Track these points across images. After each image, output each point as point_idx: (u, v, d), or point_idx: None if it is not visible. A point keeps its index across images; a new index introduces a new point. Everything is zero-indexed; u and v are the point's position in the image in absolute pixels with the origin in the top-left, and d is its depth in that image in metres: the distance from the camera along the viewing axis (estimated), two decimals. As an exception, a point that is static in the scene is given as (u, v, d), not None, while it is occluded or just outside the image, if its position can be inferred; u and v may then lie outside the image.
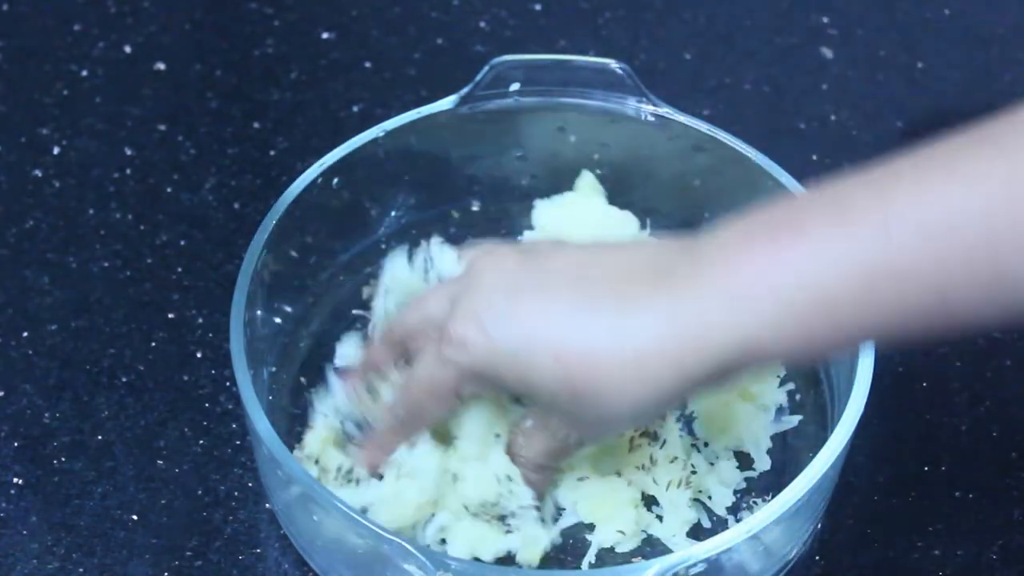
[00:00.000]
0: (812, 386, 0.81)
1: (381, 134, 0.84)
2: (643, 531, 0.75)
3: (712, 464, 0.78)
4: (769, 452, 0.79)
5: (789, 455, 0.79)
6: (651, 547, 0.75)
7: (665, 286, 0.62)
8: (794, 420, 0.80)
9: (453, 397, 0.70)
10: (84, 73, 1.00)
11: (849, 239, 0.59)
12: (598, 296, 0.64)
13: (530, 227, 0.86)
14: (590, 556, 0.74)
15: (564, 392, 0.64)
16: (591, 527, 0.75)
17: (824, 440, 0.71)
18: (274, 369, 0.82)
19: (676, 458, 0.76)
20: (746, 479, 0.78)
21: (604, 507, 0.75)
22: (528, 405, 0.72)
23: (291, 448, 0.72)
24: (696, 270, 0.62)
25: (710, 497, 0.77)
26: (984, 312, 0.60)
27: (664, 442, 0.76)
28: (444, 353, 0.68)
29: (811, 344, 0.62)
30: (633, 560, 0.74)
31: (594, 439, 0.72)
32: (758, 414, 0.79)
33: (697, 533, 0.76)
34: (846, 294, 0.59)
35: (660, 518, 0.76)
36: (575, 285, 0.65)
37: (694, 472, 0.76)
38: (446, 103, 0.84)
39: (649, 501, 0.76)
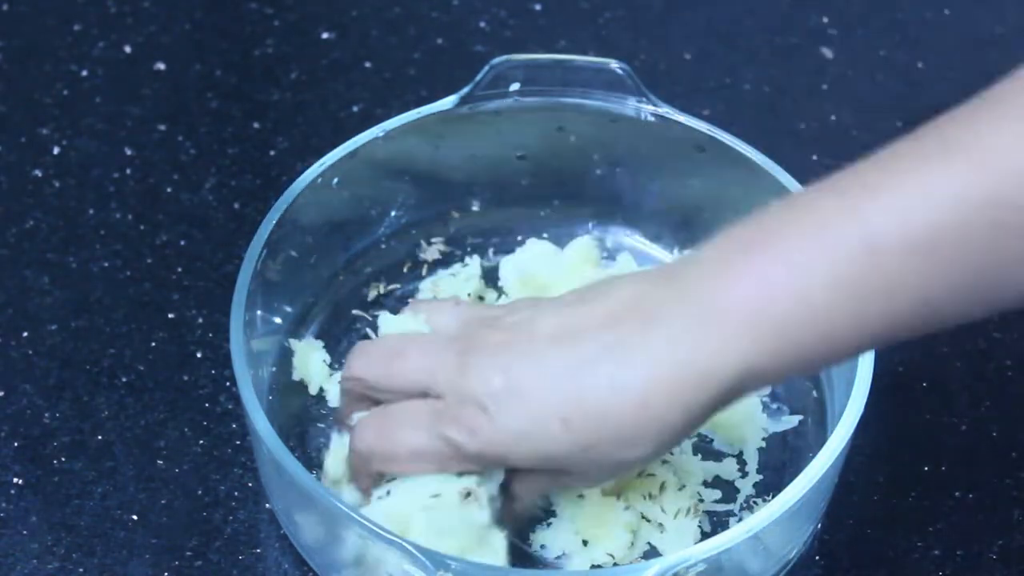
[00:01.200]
0: (812, 386, 0.81)
1: (381, 134, 0.83)
2: (646, 543, 0.75)
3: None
4: (769, 452, 0.79)
5: (789, 455, 0.79)
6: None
7: (654, 325, 0.62)
8: (794, 420, 0.80)
9: (436, 468, 0.68)
10: (84, 73, 1.00)
11: (832, 256, 0.59)
12: (591, 350, 0.63)
13: (531, 229, 0.87)
14: (578, 565, 0.74)
15: (576, 454, 0.64)
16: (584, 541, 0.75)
17: (824, 440, 0.71)
18: (274, 369, 0.82)
19: (684, 486, 0.76)
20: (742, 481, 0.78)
21: (599, 527, 0.74)
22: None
23: (294, 452, 0.72)
24: (683, 305, 0.62)
25: (702, 500, 0.77)
26: (972, 311, 0.62)
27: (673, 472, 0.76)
28: (447, 434, 0.66)
29: (806, 361, 0.62)
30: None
31: (607, 480, 0.72)
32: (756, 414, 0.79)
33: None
34: (839, 314, 0.60)
35: (661, 525, 0.75)
36: (566, 345, 0.64)
37: (701, 500, 0.76)
38: (446, 103, 0.84)
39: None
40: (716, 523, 0.76)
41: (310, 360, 0.81)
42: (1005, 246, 0.59)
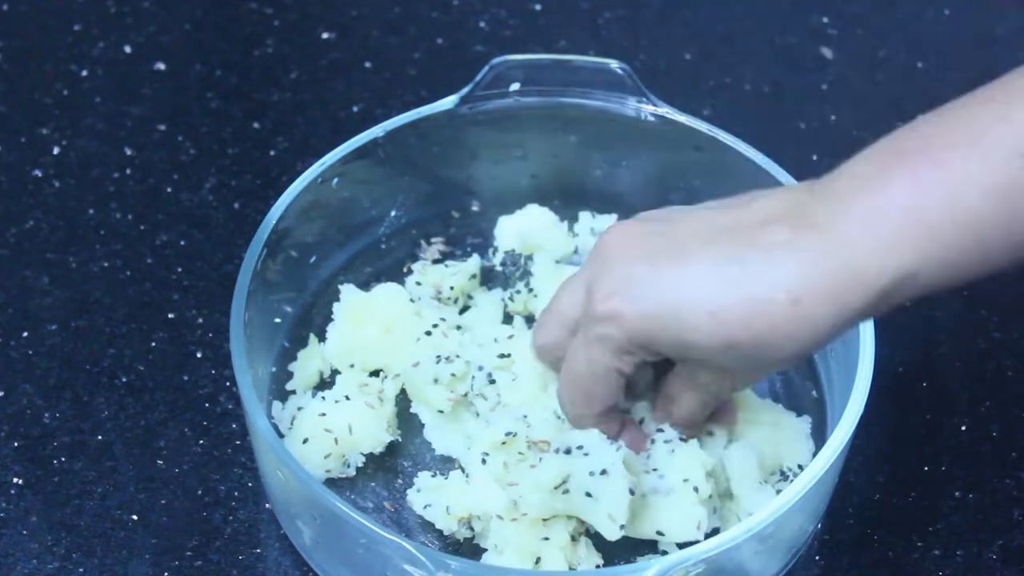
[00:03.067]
0: (812, 386, 0.81)
1: (381, 134, 0.84)
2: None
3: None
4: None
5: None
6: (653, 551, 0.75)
7: (807, 229, 0.62)
8: (808, 421, 0.80)
9: (616, 374, 0.69)
10: (84, 73, 1.00)
11: (986, 161, 0.60)
12: (740, 248, 0.63)
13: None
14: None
15: (723, 347, 0.64)
16: None
17: (824, 440, 0.71)
18: (274, 369, 0.82)
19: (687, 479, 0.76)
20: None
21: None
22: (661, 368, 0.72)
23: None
24: (837, 209, 0.62)
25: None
26: None
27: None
28: (595, 332, 0.67)
29: (960, 270, 0.62)
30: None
31: (753, 382, 0.73)
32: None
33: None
34: (991, 216, 0.60)
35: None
36: (713, 242, 0.64)
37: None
38: (446, 103, 0.84)
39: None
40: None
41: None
42: None
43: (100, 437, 0.81)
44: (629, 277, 0.66)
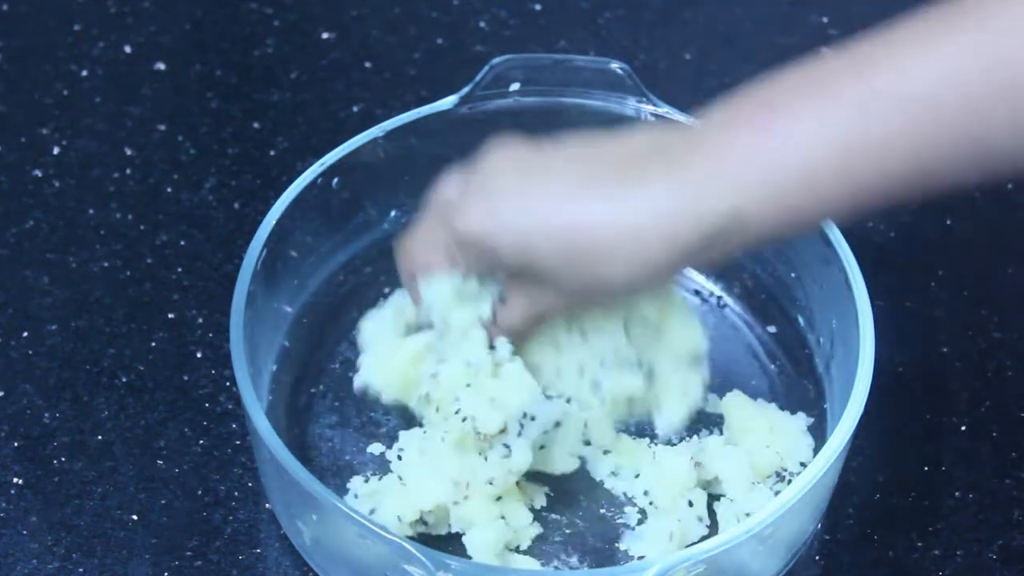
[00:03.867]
0: (812, 386, 0.81)
1: (381, 134, 0.84)
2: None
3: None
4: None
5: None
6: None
7: (663, 166, 0.66)
8: (808, 421, 0.80)
9: (442, 253, 0.73)
10: (84, 73, 1.00)
11: (827, 116, 0.64)
12: (601, 175, 0.67)
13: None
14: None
15: (561, 260, 0.67)
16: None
17: (824, 440, 0.71)
18: (274, 369, 0.82)
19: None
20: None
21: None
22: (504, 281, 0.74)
23: (294, 452, 0.72)
24: (691, 152, 0.66)
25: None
26: (961, 176, 0.64)
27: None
28: (450, 217, 0.71)
29: (795, 216, 0.66)
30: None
31: (582, 306, 0.75)
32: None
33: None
34: (826, 168, 0.63)
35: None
36: (580, 166, 0.68)
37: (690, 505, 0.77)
38: (446, 103, 0.84)
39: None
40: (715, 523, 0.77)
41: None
42: (1005, 110, 0.61)
43: (100, 437, 0.81)
44: (494, 180, 0.70)
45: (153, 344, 0.85)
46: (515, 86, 0.85)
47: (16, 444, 0.80)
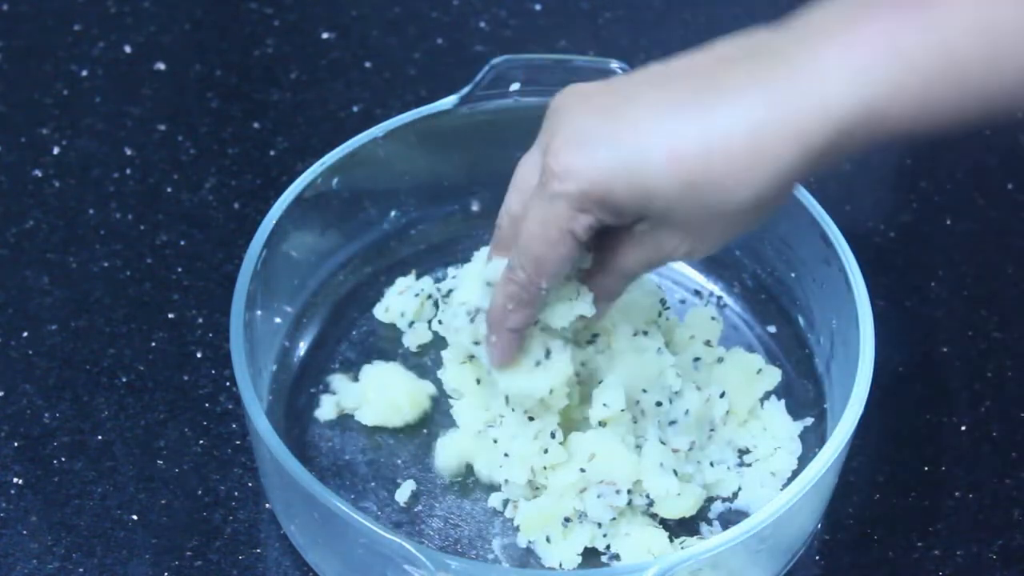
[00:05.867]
0: (812, 386, 0.81)
1: (381, 134, 0.84)
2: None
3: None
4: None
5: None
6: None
7: (770, 62, 0.60)
8: (808, 421, 0.80)
9: (570, 237, 0.65)
10: (84, 73, 1.00)
11: (978, 2, 0.58)
12: (697, 87, 0.60)
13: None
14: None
15: (682, 190, 0.61)
16: None
17: (824, 440, 0.71)
18: (274, 368, 0.82)
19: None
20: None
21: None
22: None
23: (294, 452, 0.72)
24: (811, 42, 0.59)
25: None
26: None
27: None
28: (550, 189, 0.63)
29: (934, 112, 0.59)
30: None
31: (712, 244, 0.67)
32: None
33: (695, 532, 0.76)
34: (974, 56, 0.58)
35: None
36: (668, 86, 0.61)
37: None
38: (446, 103, 0.84)
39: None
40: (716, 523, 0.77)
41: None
42: None
43: (100, 437, 0.81)
44: (582, 130, 0.63)
45: (153, 344, 0.85)
46: (515, 86, 0.85)
47: (16, 444, 0.80)
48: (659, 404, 0.75)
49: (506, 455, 0.75)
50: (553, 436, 0.74)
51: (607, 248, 0.68)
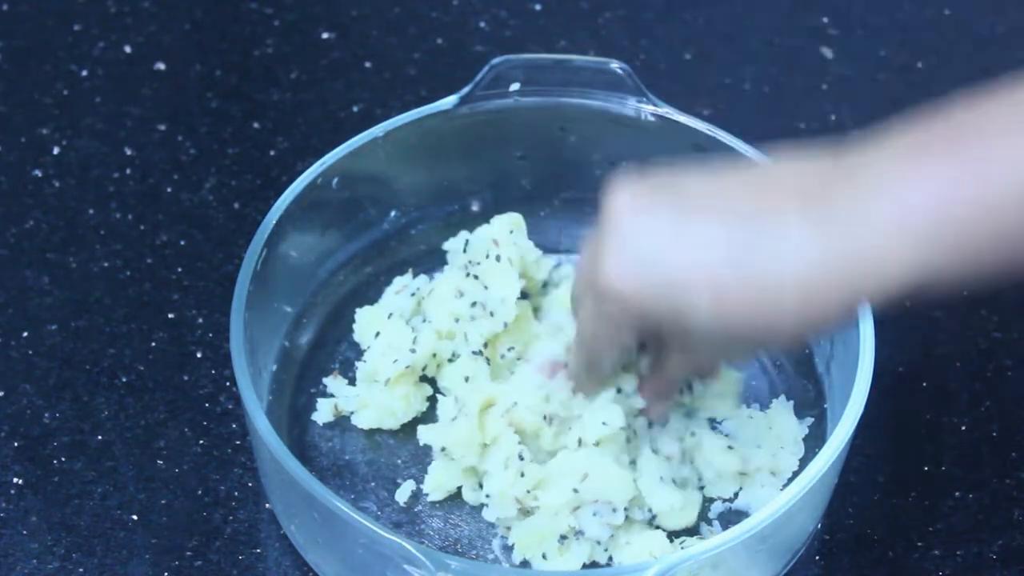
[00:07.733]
0: (812, 386, 0.81)
1: (381, 134, 0.84)
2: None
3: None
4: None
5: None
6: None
7: (822, 206, 0.58)
8: (808, 421, 0.80)
9: (619, 347, 0.69)
10: (84, 73, 1.00)
11: (1016, 160, 0.56)
12: (749, 223, 0.59)
13: (531, 229, 0.87)
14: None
15: (727, 331, 0.61)
16: None
17: (824, 440, 0.71)
18: (274, 369, 0.82)
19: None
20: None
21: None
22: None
23: (294, 452, 0.72)
24: (864, 189, 0.58)
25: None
26: None
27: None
28: (599, 308, 0.65)
29: (983, 268, 0.58)
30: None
31: (751, 359, 0.71)
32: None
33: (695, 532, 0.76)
34: (1018, 220, 0.57)
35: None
36: (721, 215, 0.60)
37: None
38: (446, 103, 0.84)
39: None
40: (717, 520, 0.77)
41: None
42: None
43: (100, 437, 0.81)
44: (631, 247, 0.62)
45: (153, 344, 0.85)
46: (515, 86, 0.85)
47: (16, 444, 0.80)
48: (651, 425, 0.76)
49: (488, 496, 0.75)
50: (521, 458, 0.74)
51: (659, 352, 0.72)
